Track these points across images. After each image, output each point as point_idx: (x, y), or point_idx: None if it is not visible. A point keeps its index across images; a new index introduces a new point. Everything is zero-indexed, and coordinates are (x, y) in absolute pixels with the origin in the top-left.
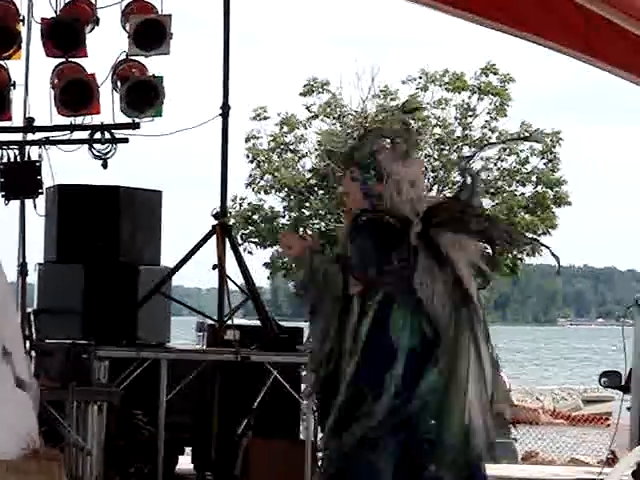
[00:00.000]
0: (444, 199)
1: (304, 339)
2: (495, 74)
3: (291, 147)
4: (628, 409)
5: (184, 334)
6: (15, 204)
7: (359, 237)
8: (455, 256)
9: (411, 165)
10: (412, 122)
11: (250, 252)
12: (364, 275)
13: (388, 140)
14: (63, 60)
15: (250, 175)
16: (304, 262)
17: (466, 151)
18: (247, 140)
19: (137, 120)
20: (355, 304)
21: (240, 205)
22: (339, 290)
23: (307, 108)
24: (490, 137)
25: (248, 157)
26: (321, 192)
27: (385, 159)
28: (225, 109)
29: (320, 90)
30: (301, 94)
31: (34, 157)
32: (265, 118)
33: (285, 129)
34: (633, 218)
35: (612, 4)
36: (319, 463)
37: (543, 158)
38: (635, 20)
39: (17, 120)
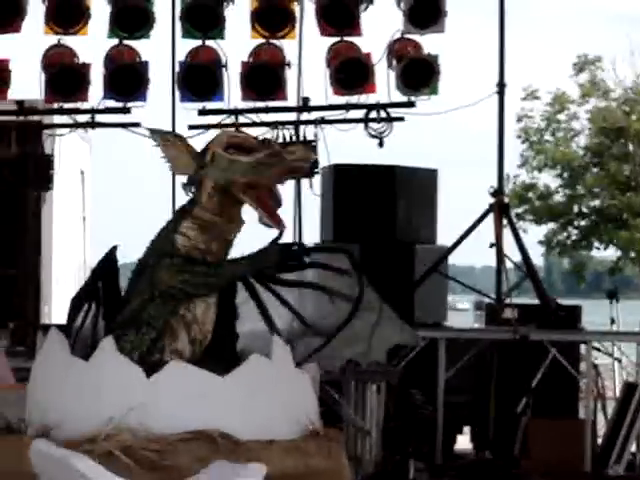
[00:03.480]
0: None
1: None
2: None
3: (563, 125)
4: None
5: (458, 312)
6: (291, 183)
7: None
8: None
9: None
10: None
11: (524, 230)
12: None
13: None
14: (338, 39)
15: (522, 155)
16: None
17: None
18: (519, 120)
19: (413, 98)
20: None
21: (514, 183)
22: None
23: (580, 86)
24: None
25: (520, 137)
26: (595, 170)
27: None
28: (501, 87)
29: (592, 67)
30: (572, 72)
31: (309, 136)
32: (536, 97)
33: (556, 107)
34: None
35: None
36: None
37: None
38: None
39: (292, 100)
